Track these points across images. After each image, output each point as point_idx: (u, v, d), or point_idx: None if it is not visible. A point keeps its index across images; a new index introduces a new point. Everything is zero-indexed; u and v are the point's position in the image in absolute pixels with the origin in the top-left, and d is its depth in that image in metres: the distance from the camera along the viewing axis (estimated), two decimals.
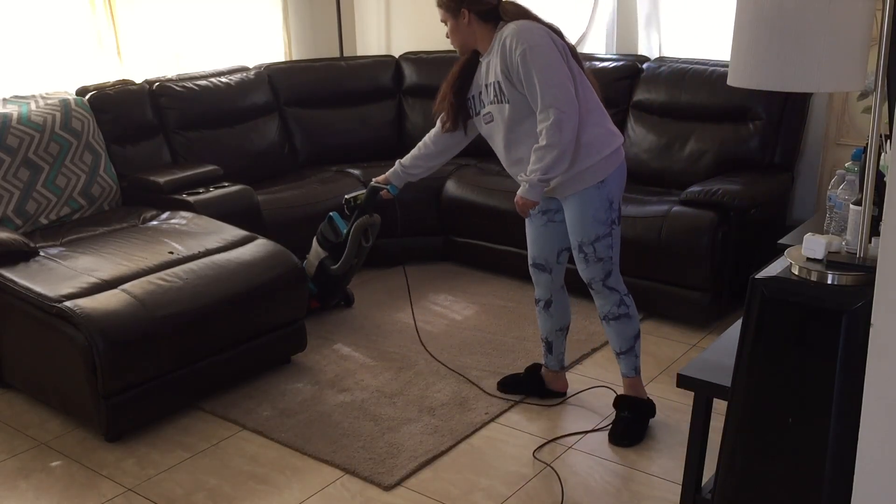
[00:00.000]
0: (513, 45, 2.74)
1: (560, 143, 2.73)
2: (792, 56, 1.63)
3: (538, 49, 2.73)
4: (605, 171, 2.85)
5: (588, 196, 2.86)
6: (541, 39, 2.75)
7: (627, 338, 3.01)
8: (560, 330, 3.21)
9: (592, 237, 2.89)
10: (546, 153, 2.75)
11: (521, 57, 2.72)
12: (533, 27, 2.78)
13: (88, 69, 4.42)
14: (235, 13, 5.07)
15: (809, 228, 2.68)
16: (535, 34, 2.75)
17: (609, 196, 2.87)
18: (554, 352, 3.24)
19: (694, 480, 2.43)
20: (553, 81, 2.72)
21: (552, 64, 2.73)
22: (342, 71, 5.19)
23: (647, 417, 3.07)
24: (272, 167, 4.78)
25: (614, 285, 2.97)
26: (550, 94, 2.71)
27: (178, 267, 3.29)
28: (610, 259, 2.93)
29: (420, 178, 3.35)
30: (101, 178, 4.00)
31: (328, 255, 3.85)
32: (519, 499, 2.72)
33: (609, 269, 2.94)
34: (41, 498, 2.78)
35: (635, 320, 3.01)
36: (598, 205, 2.86)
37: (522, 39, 2.73)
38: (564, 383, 3.31)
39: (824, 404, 1.72)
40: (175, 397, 3.19)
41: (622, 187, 2.93)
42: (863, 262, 1.73)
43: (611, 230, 2.90)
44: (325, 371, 3.54)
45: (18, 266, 3.29)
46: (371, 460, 2.91)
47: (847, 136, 4.04)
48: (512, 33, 2.76)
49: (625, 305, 2.98)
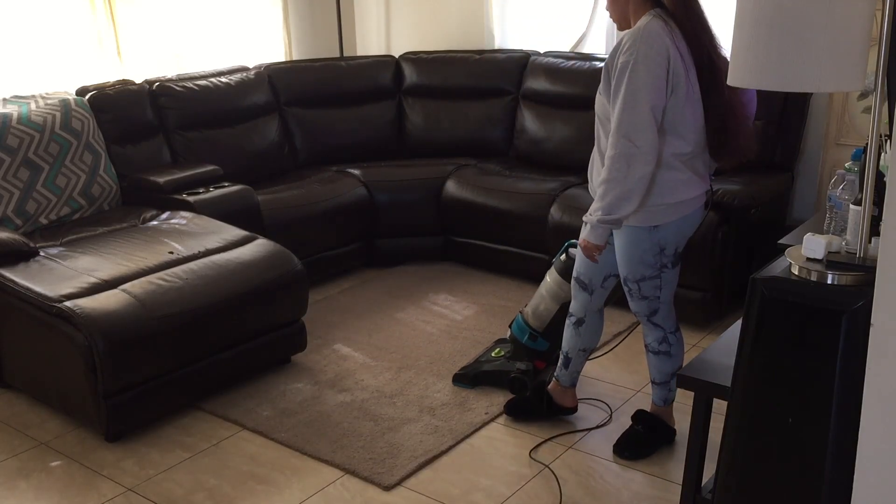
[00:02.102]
0: (623, 46, 2.48)
1: (625, 181, 2.48)
2: (792, 56, 1.63)
3: (642, 66, 2.43)
4: (661, 218, 2.61)
5: (636, 236, 2.65)
6: (652, 57, 2.43)
7: (664, 373, 2.88)
8: (583, 350, 3.01)
9: (638, 276, 2.71)
10: (608, 190, 2.51)
11: (623, 66, 2.46)
12: (659, 37, 2.45)
13: (88, 69, 4.41)
14: (235, 13, 5.07)
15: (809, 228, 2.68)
16: (652, 48, 2.44)
17: (661, 242, 2.65)
18: (570, 368, 3.04)
19: (694, 480, 2.43)
20: (637, 110, 2.44)
21: (647, 92, 2.44)
22: (342, 71, 5.19)
23: (659, 439, 2.95)
24: (272, 167, 4.77)
25: (659, 322, 2.81)
26: (627, 121, 2.45)
27: (178, 267, 3.29)
28: (657, 298, 2.75)
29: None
30: (101, 178, 4.00)
31: None
32: (519, 499, 2.72)
33: (655, 308, 2.77)
34: (41, 498, 2.78)
35: (677, 359, 2.85)
36: (647, 248, 2.66)
37: (635, 47, 2.45)
38: (574, 399, 3.13)
39: (824, 404, 1.72)
40: (175, 397, 3.19)
41: (685, 236, 2.71)
42: (863, 262, 1.74)
43: (660, 273, 2.70)
44: (325, 371, 3.54)
45: (18, 266, 3.29)
46: (371, 460, 2.91)
47: (847, 136, 4.04)
48: (633, 33, 2.48)
49: (667, 343, 2.83)
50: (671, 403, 2.96)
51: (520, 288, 4.33)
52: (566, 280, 3.11)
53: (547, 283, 3.26)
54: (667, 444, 2.95)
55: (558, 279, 3.20)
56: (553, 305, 3.23)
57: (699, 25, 2.55)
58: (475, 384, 3.37)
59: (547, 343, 3.29)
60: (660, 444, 2.95)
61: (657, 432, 2.96)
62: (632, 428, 2.98)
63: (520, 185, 4.41)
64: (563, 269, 3.17)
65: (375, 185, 4.63)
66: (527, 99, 4.90)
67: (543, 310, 3.26)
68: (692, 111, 2.55)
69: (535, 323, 3.29)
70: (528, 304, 3.36)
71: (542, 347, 3.30)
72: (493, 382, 3.34)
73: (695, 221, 2.71)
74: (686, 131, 2.56)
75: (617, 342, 3.53)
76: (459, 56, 5.17)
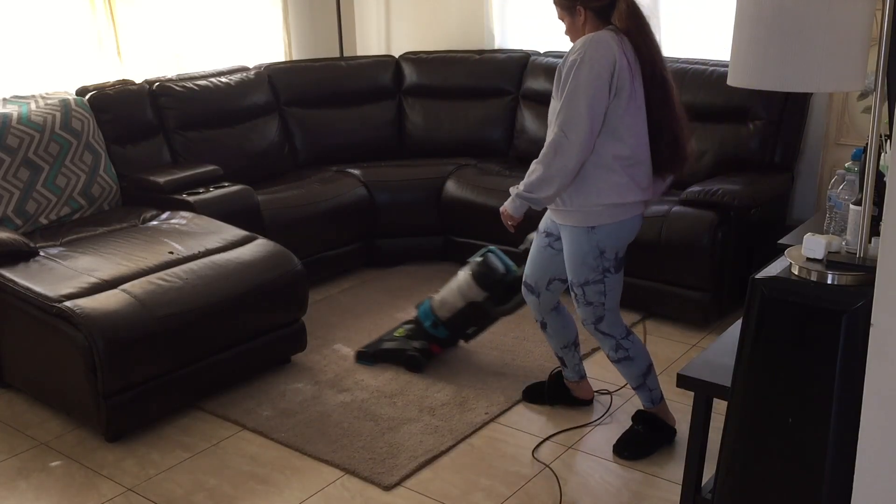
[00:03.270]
0: (573, 49, 2.63)
1: (550, 167, 2.63)
2: (792, 56, 1.63)
3: (586, 67, 2.57)
4: (597, 219, 2.71)
5: (577, 236, 2.75)
6: (597, 59, 2.57)
7: (635, 376, 2.92)
8: (565, 347, 3.13)
9: (582, 280, 2.79)
10: (534, 170, 2.68)
11: (570, 66, 2.60)
12: (606, 43, 2.59)
13: (88, 69, 4.42)
14: (235, 13, 5.07)
15: (809, 228, 2.68)
16: (599, 51, 2.58)
17: (600, 245, 2.73)
18: (568, 365, 3.17)
19: (694, 480, 2.43)
20: (574, 104, 2.58)
21: (586, 89, 2.57)
22: (342, 71, 5.19)
23: (660, 438, 2.96)
24: (272, 167, 4.77)
25: (607, 330, 2.86)
26: (565, 114, 2.60)
27: (178, 267, 3.29)
28: (602, 305, 2.81)
29: None
30: (101, 178, 4.00)
31: (489, 295, 3.43)
32: (519, 499, 2.72)
33: (600, 315, 2.83)
34: (41, 498, 2.78)
35: (639, 360, 2.90)
36: (587, 249, 2.74)
37: (583, 49, 2.59)
38: (589, 391, 3.24)
39: (824, 404, 1.72)
40: (175, 397, 3.19)
41: (621, 241, 2.78)
42: (863, 262, 1.74)
43: (602, 277, 2.77)
44: (325, 371, 3.54)
45: (18, 266, 3.29)
46: (371, 460, 2.91)
47: (847, 136, 4.04)
48: (585, 38, 2.62)
49: (622, 349, 2.88)
50: (661, 401, 2.97)
51: None
52: (477, 284, 3.41)
53: (459, 279, 3.50)
54: (667, 443, 2.96)
55: (469, 280, 3.45)
56: (459, 301, 3.48)
57: (651, 44, 2.69)
58: (375, 361, 3.56)
59: (447, 332, 3.55)
60: (660, 443, 2.95)
61: (657, 431, 2.97)
62: (632, 428, 2.99)
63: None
64: (477, 273, 3.44)
65: (375, 185, 4.62)
66: (527, 99, 4.90)
67: (450, 303, 3.50)
68: (633, 118, 2.66)
69: (441, 312, 3.52)
70: (439, 292, 3.56)
71: (442, 335, 3.56)
72: (391, 360, 3.55)
73: (633, 228, 2.79)
74: (626, 135, 2.66)
75: None
76: (459, 56, 5.17)
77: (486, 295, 3.43)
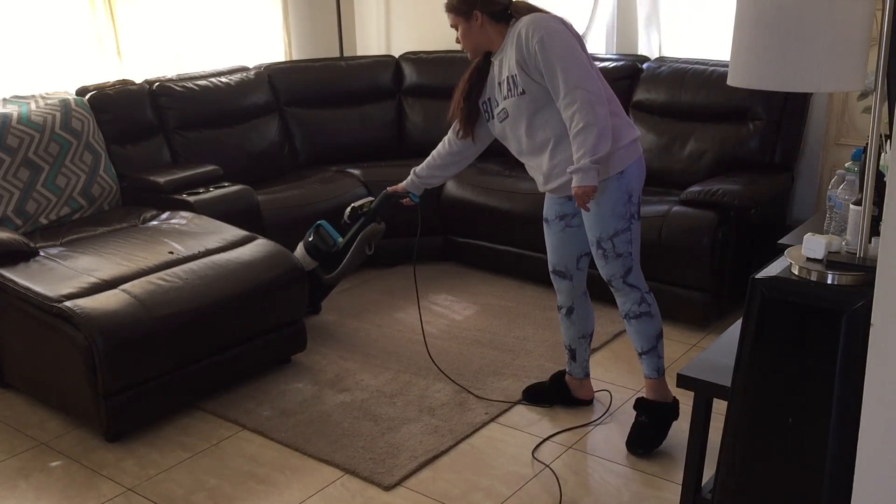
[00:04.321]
0: (529, 33, 2.70)
1: (598, 120, 2.64)
2: (792, 56, 1.63)
3: (556, 34, 2.68)
4: (624, 161, 2.78)
5: (607, 188, 2.77)
6: (557, 26, 2.72)
7: (649, 337, 2.93)
8: (583, 337, 3.15)
9: (611, 232, 2.81)
10: (587, 134, 2.65)
11: (539, 44, 2.67)
12: (547, 17, 2.76)
13: (88, 69, 4.42)
14: (235, 13, 5.07)
15: (809, 228, 2.68)
16: (550, 22, 2.73)
17: (628, 188, 2.80)
18: (577, 359, 3.18)
19: (694, 480, 2.43)
20: (575, 63, 2.67)
21: (572, 48, 2.69)
22: (342, 71, 5.19)
23: (667, 422, 2.98)
24: (272, 167, 4.78)
25: (634, 282, 2.89)
26: (575, 75, 2.66)
27: (178, 267, 3.29)
28: (630, 255, 2.85)
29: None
30: (101, 178, 4.00)
31: (319, 264, 3.73)
32: (519, 499, 2.72)
33: (629, 266, 2.87)
34: (41, 498, 2.78)
35: (657, 319, 2.94)
36: (618, 197, 2.79)
37: (539, 28, 2.69)
38: (590, 390, 3.24)
39: (824, 404, 1.72)
40: (175, 397, 3.19)
41: (642, 180, 2.87)
42: (863, 262, 1.73)
43: (629, 224, 2.82)
44: (325, 371, 3.54)
45: (18, 266, 3.29)
46: (371, 460, 2.91)
47: (847, 136, 4.04)
48: (526, 24, 2.72)
49: (646, 303, 2.91)
50: (664, 373, 2.98)
51: (520, 288, 4.33)
52: (309, 255, 3.70)
53: (297, 253, 3.72)
54: (674, 419, 2.98)
55: (303, 253, 3.72)
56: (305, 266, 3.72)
57: None
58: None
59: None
60: (668, 425, 2.97)
61: (660, 416, 2.97)
62: (636, 420, 2.99)
63: (520, 185, 4.40)
64: (309, 245, 3.72)
65: (375, 185, 4.62)
66: None
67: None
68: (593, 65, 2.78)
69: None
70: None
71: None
72: None
73: (644, 166, 2.89)
74: (602, 80, 2.77)
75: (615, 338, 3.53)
76: (459, 56, 5.13)
77: (317, 265, 3.71)
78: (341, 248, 3.68)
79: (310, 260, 3.71)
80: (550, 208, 3.00)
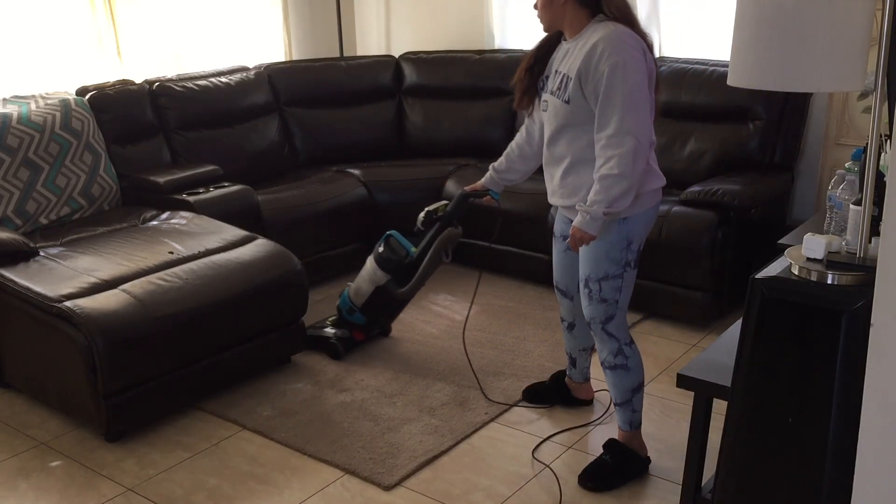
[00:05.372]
0: (604, 52, 2.48)
1: (632, 175, 2.49)
2: (792, 56, 1.63)
3: (631, 67, 2.48)
4: (634, 208, 2.60)
5: (607, 230, 2.61)
6: (636, 55, 2.50)
7: (623, 390, 2.77)
8: (584, 350, 3.12)
9: (601, 275, 2.66)
10: (615, 184, 2.50)
11: (612, 69, 2.46)
12: (630, 40, 2.52)
13: (88, 69, 4.42)
14: (235, 13, 5.07)
15: (809, 228, 2.68)
16: (630, 49, 2.50)
17: (629, 235, 2.64)
18: (578, 366, 3.17)
19: (694, 480, 2.43)
20: (637, 106, 2.49)
21: (641, 88, 2.50)
22: (342, 71, 5.19)
23: (629, 471, 2.79)
24: (272, 167, 4.78)
25: (614, 332, 2.73)
26: (633, 119, 2.48)
27: (178, 267, 3.29)
28: (615, 303, 2.69)
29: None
30: (101, 178, 4.00)
31: (392, 277, 3.50)
32: (519, 499, 2.72)
33: (612, 314, 2.71)
34: (41, 498, 2.78)
35: (635, 373, 2.77)
36: (615, 241, 2.63)
37: (617, 51, 2.47)
38: (590, 392, 3.23)
39: (824, 404, 1.72)
40: (175, 397, 3.19)
41: (648, 229, 2.71)
42: (863, 262, 1.74)
43: (623, 271, 2.66)
44: (325, 371, 3.54)
45: (18, 266, 3.29)
46: (371, 460, 2.91)
47: (847, 136, 4.04)
48: (607, 39, 2.50)
49: (622, 356, 2.75)
50: (639, 427, 2.83)
51: (520, 288, 4.33)
52: (381, 268, 3.53)
53: (367, 267, 3.61)
54: (638, 475, 2.80)
55: (374, 266, 3.57)
56: (369, 287, 3.57)
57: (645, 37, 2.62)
58: (304, 347, 3.63)
59: (364, 318, 3.64)
60: (630, 476, 2.78)
61: (627, 464, 2.80)
62: (600, 457, 2.83)
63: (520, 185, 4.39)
64: (379, 258, 3.56)
65: (375, 185, 4.63)
66: None
67: (363, 290, 3.60)
68: (652, 103, 2.62)
69: (356, 299, 3.63)
70: (354, 281, 3.66)
71: (360, 321, 3.65)
72: (316, 347, 3.66)
73: (656, 215, 2.73)
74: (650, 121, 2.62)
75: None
76: (459, 56, 5.17)
77: (389, 278, 3.52)
78: (415, 259, 3.47)
79: (381, 274, 3.52)
80: (558, 225, 2.91)
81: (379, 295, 3.55)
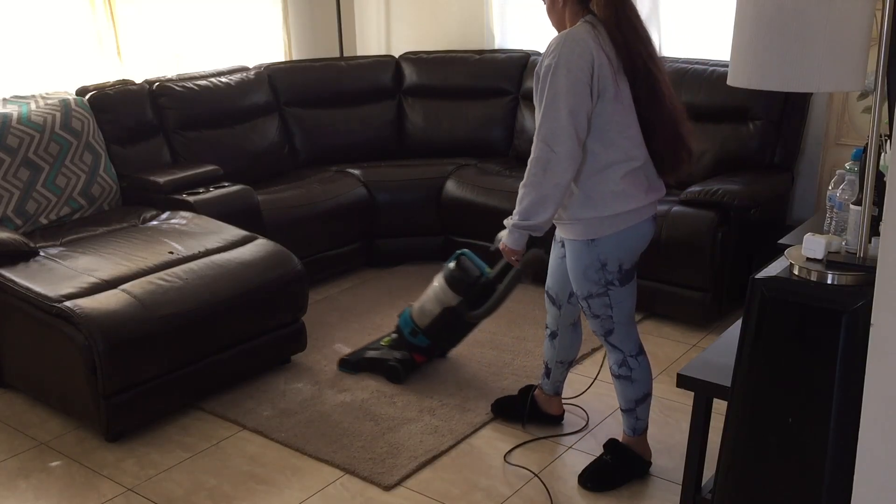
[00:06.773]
0: (547, 50, 2.41)
1: (541, 187, 2.42)
2: (792, 56, 1.63)
3: (562, 71, 2.35)
4: (596, 231, 2.51)
5: (577, 249, 2.57)
6: (574, 61, 2.35)
7: (628, 399, 2.75)
8: (561, 363, 3.00)
9: (585, 293, 2.62)
10: (525, 194, 2.46)
11: (546, 70, 2.39)
12: (582, 41, 2.38)
13: (88, 69, 4.42)
14: (235, 13, 5.07)
15: (809, 228, 2.68)
16: (575, 51, 2.36)
17: (601, 257, 2.54)
18: (551, 378, 3.04)
19: (694, 480, 2.43)
20: (555, 114, 2.37)
21: (566, 96, 2.36)
22: (342, 71, 5.19)
23: (630, 472, 2.78)
24: (272, 167, 4.78)
25: (617, 343, 2.69)
26: (547, 126, 2.39)
27: (178, 267, 3.29)
28: (609, 318, 2.64)
29: None
30: (101, 178, 4.00)
31: (463, 298, 3.30)
32: (519, 499, 2.72)
33: (609, 328, 2.66)
34: (41, 498, 2.78)
35: (640, 385, 2.72)
36: (588, 263, 2.55)
37: (556, 51, 2.37)
38: (559, 407, 3.11)
39: (824, 404, 1.72)
40: (175, 397, 3.19)
41: (629, 251, 2.58)
42: (863, 262, 1.74)
43: (606, 290, 2.58)
44: (325, 371, 3.54)
45: (18, 266, 3.29)
46: (371, 460, 2.91)
47: (847, 136, 4.04)
48: (559, 36, 2.41)
49: (626, 367, 2.70)
50: (643, 433, 2.81)
51: (520, 288, 4.31)
52: (451, 288, 3.31)
53: (434, 286, 3.40)
54: (638, 477, 2.79)
55: (444, 286, 3.34)
56: (436, 308, 3.36)
57: (632, 34, 2.46)
58: (357, 370, 3.49)
59: (427, 340, 3.43)
60: (630, 476, 2.78)
61: (627, 465, 2.79)
62: (600, 457, 2.83)
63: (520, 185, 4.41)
64: (450, 277, 3.33)
65: (375, 185, 4.63)
66: (527, 99, 4.89)
67: (428, 310, 3.40)
68: (623, 118, 2.46)
69: (419, 320, 3.43)
70: (418, 300, 3.47)
71: (422, 343, 3.45)
72: (373, 370, 3.47)
73: (640, 236, 2.59)
74: (618, 138, 2.46)
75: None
76: (459, 56, 5.17)
77: (461, 299, 3.31)
78: (491, 279, 3.28)
79: (452, 294, 3.31)
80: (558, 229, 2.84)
81: (446, 317, 3.33)
